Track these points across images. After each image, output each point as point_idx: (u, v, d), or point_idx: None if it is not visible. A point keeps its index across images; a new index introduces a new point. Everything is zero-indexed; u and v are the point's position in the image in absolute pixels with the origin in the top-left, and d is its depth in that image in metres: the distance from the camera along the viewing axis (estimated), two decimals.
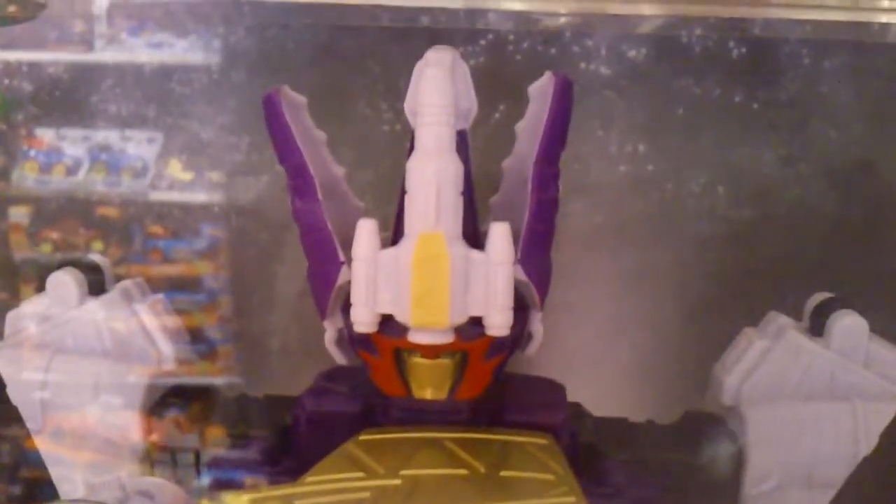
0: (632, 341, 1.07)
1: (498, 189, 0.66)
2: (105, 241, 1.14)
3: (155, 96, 1.08)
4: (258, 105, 1.02)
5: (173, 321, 0.75)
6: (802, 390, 0.67)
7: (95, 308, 0.72)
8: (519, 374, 0.67)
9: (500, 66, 1.01)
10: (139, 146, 1.16)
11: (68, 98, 1.11)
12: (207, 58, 1.06)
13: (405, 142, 1.10)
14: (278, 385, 0.75)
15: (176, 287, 1.10)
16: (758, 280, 1.02)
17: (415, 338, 0.55)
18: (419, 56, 0.62)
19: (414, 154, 0.55)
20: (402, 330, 0.56)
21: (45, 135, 1.18)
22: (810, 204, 1.02)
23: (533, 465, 0.55)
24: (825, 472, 0.66)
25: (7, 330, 0.73)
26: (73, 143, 1.18)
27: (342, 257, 0.58)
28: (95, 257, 0.76)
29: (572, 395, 0.68)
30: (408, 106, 0.58)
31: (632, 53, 1.01)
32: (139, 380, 0.71)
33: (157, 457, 0.71)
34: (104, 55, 1.11)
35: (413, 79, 0.58)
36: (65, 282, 0.72)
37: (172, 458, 0.71)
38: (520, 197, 0.61)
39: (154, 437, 0.71)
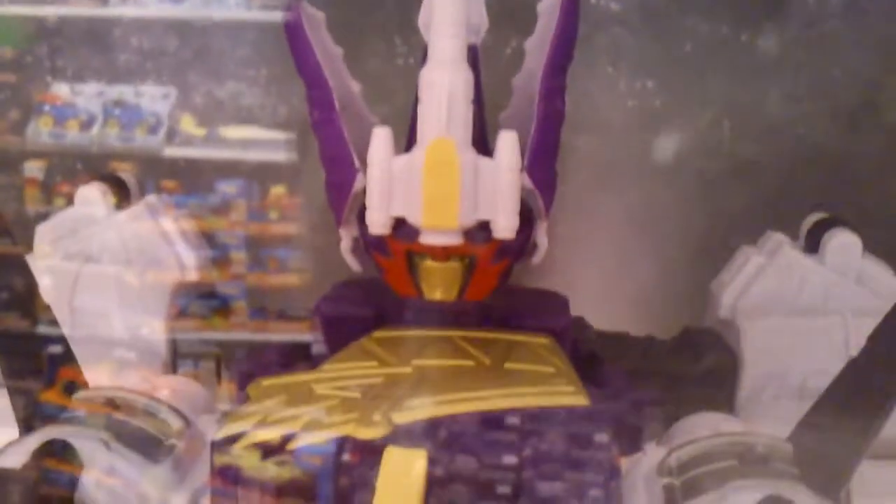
0: (636, 274, 1.09)
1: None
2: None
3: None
4: (275, 37, 1.05)
5: (195, 235, 0.78)
6: (796, 304, 0.70)
7: (122, 220, 0.75)
8: (525, 287, 0.70)
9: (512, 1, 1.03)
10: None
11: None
12: None
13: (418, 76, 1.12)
14: None
15: None
16: (761, 215, 1.04)
17: (426, 239, 0.58)
18: None
19: (427, 64, 0.57)
20: (415, 234, 0.59)
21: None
22: (814, 141, 1.04)
23: (535, 360, 0.58)
24: (817, 383, 0.68)
25: (37, 241, 0.76)
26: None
27: (358, 165, 0.61)
28: (122, 174, 0.79)
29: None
30: (422, 20, 0.60)
31: None
32: (164, 287, 0.75)
33: (181, 361, 0.75)
34: None
35: None
36: (93, 195, 0.75)
37: (194, 363, 0.75)
38: (528, 112, 0.63)
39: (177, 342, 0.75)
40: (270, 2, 1.11)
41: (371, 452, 0.49)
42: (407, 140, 0.62)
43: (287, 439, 0.50)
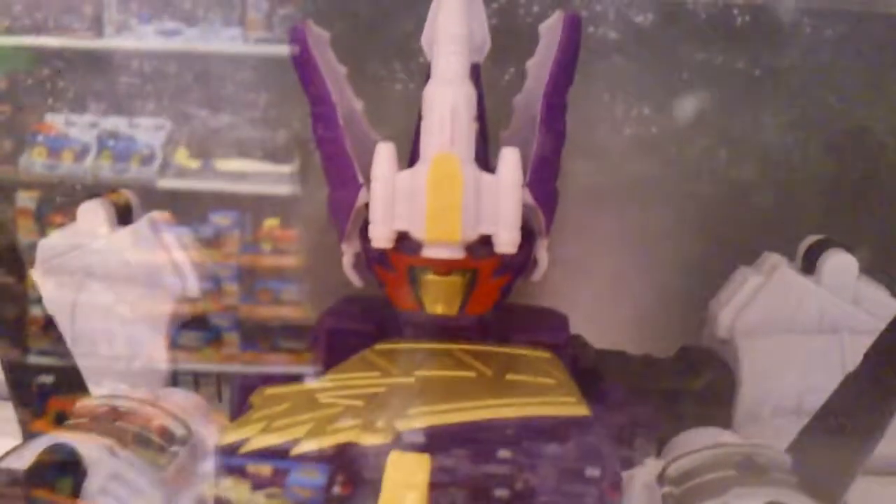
0: (633, 297, 1.10)
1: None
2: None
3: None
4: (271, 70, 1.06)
5: (198, 253, 0.79)
6: (793, 324, 0.71)
7: (124, 237, 0.76)
8: (524, 304, 0.71)
9: (511, 28, 1.04)
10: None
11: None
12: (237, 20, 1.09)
13: (419, 101, 1.13)
14: None
15: None
16: (756, 241, 1.05)
17: (429, 253, 0.59)
18: None
19: (431, 81, 0.58)
20: (417, 248, 0.60)
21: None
22: (808, 168, 1.05)
23: (536, 372, 0.59)
24: (814, 402, 0.69)
25: (38, 257, 0.77)
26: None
27: (361, 180, 0.62)
28: (124, 191, 0.80)
29: None
30: (425, 39, 0.62)
31: (639, 19, 1.05)
32: (164, 306, 0.75)
33: (181, 379, 0.75)
34: None
35: (431, 12, 0.62)
36: (95, 211, 0.76)
37: (195, 382, 0.75)
38: (529, 130, 0.64)
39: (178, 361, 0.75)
40: (267, 35, 1.12)
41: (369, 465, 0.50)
42: (410, 157, 0.63)
43: (278, 471, 0.50)
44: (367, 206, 0.62)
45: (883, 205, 1.03)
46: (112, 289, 0.74)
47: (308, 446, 0.50)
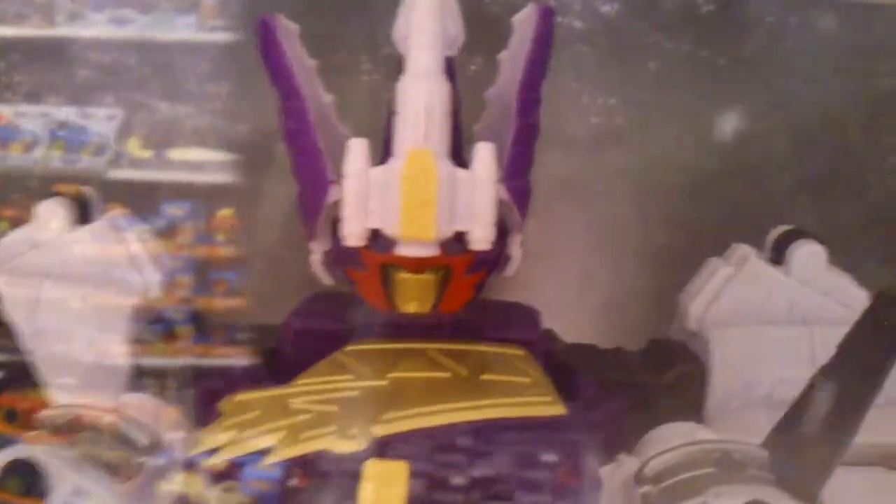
0: (599, 289, 1.10)
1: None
2: None
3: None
4: (234, 54, 1.04)
5: (159, 250, 0.77)
6: (763, 315, 0.71)
7: (83, 236, 0.73)
8: (495, 300, 0.70)
9: (477, 18, 1.03)
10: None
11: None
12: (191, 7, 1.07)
13: (383, 91, 1.12)
14: None
15: None
16: (722, 230, 1.06)
17: (402, 251, 0.58)
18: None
19: (404, 75, 0.57)
20: (389, 245, 0.59)
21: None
22: (774, 157, 1.06)
23: (511, 371, 0.58)
24: (784, 392, 0.69)
25: None
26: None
27: (332, 176, 0.61)
28: (81, 187, 0.78)
29: None
30: (397, 33, 0.60)
31: (605, 8, 1.04)
32: (126, 306, 0.73)
33: (143, 382, 0.73)
34: None
35: (403, 5, 0.60)
36: (54, 210, 0.73)
37: (157, 383, 0.73)
38: (501, 124, 0.63)
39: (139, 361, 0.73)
40: (221, 23, 1.10)
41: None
42: (381, 152, 0.62)
43: (234, 465, 0.49)
44: (337, 203, 0.61)
45: (849, 193, 1.04)
46: (73, 289, 0.72)
47: (281, 455, 0.49)
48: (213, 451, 0.50)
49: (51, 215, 0.73)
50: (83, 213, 0.76)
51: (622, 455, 0.58)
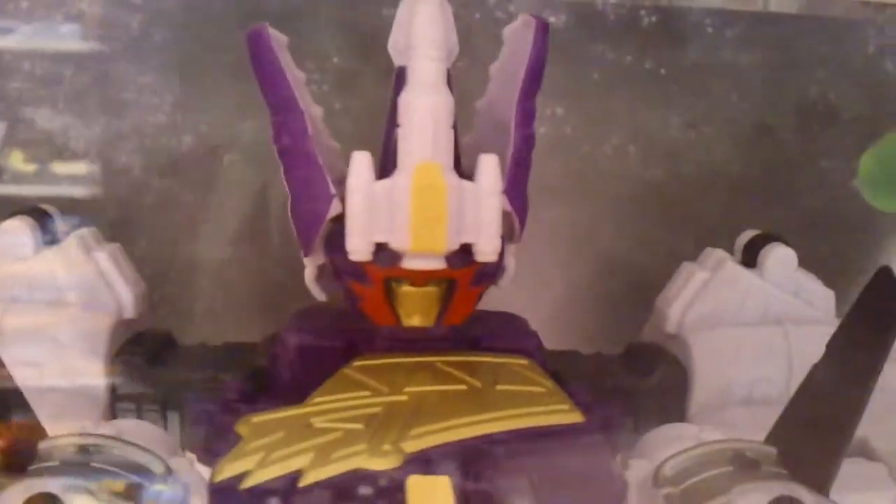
0: (549, 292, 1.12)
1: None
2: None
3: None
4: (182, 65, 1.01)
5: (131, 269, 0.74)
6: (740, 317, 0.74)
7: (52, 257, 0.70)
8: (485, 310, 0.71)
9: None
10: None
11: None
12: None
13: (333, 101, 1.10)
14: None
15: None
16: (665, 234, 1.10)
17: (410, 264, 0.57)
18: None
19: (408, 88, 0.57)
20: (393, 259, 0.58)
21: None
22: (713, 163, 1.10)
23: (523, 381, 0.58)
24: (763, 390, 0.73)
25: None
26: None
27: (333, 191, 0.60)
28: (45, 206, 0.74)
29: None
30: (393, 43, 0.60)
31: (552, 20, 1.06)
32: (101, 328, 0.70)
33: (122, 405, 0.70)
34: None
35: (400, 16, 0.60)
36: (19, 230, 0.70)
37: (137, 406, 0.71)
38: (494, 136, 0.64)
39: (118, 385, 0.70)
40: (105, 33, 1.06)
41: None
42: (381, 162, 0.61)
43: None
44: (335, 218, 0.60)
45: (784, 197, 1.09)
46: (42, 312, 0.69)
47: (315, 476, 0.48)
48: (241, 477, 0.48)
49: (15, 236, 0.70)
50: (49, 231, 0.72)
51: (632, 460, 0.59)
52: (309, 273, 0.65)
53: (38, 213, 0.72)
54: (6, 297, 0.69)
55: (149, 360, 0.71)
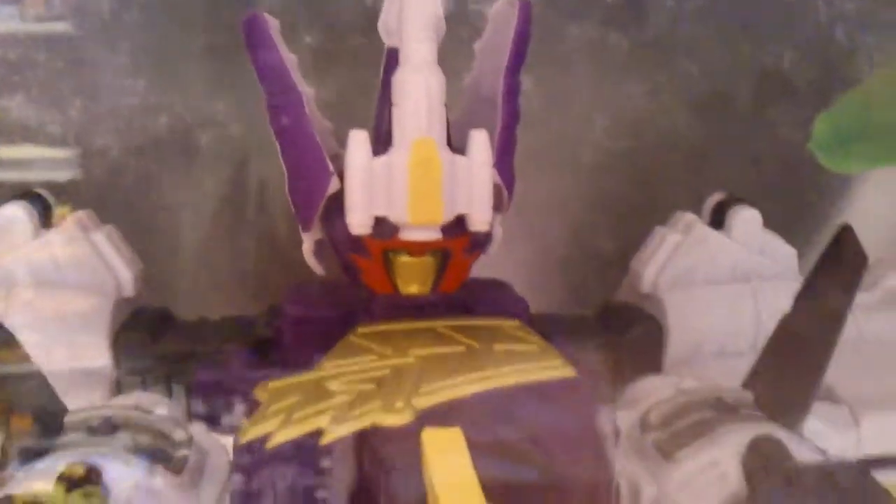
0: (520, 261, 1.15)
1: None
2: None
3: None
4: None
5: (127, 249, 0.76)
6: (710, 276, 0.78)
7: (53, 240, 0.72)
8: (472, 278, 0.74)
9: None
10: None
11: None
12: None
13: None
14: None
15: None
16: (630, 199, 1.14)
17: (408, 235, 0.61)
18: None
19: (402, 68, 0.60)
20: (392, 231, 0.62)
21: None
22: (675, 131, 1.15)
23: (517, 341, 0.62)
24: (733, 342, 0.77)
25: None
26: None
27: (332, 168, 0.63)
28: (39, 190, 0.76)
29: None
30: (384, 24, 0.63)
31: None
32: (103, 307, 0.72)
33: (127, 380, 0.73)
34: None
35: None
36: (18, 216, 0.72)
37: (142, 380, 0.73)
38: (481, 111, 0.67)
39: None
40: (47, 13, 1.07)
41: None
42: (374, 141, 0.64)
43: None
44: (333, 194, 0.63)
45: (741, 162, 1.14)
46: (45, 294, 0.71)
47: (335, 433, 0.51)
48: (266, 438, 0.52)
49: (14, 221, 0.71)
50: (46, 215, 0.74)
51: (619, 410, 0.64)
52: (307, 248, 0.68)
53: (34, 198, 0.74)
54: (8, 280, 0.71)
55: (151, 335, 0.74)
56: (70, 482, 0.47)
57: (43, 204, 0.75)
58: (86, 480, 0.47)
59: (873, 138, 1.03)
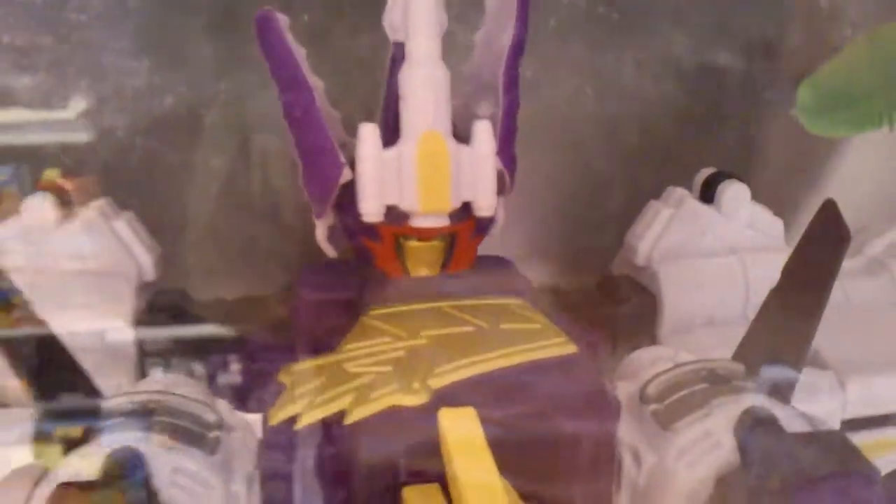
0: (519, 234, 1.19)
1: None
2: None
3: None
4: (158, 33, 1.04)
5: (146, 234, 0.80)
6: (701, 249, 0.82)
7: (75, 228, 0.75)
8: (477, 256, 0.78)
9: None
10: None
11: None
12: None
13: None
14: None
15: None
16: (621, 172, 1.18)
17: (418, 222, 0.65)
18: None
19: (409, 64, 0.63)
20: (402, 218, 0.65)
21: None
22: (664, 100, 1.18)
23: (522, 320, 0.66)
24: (724, 312, 0.82)
25: None
26: None
27: (343, 159, 0.66)
28: (58, 179, 0.79)
29: None
30: (388, 20, 0.66)
31: None
32: (125, 291, 0.76)
33: (150, 361, 0.76)
34: None
35: None
36: (42, 205, 0.75)
37: (165, 362, 0.77)
38: (480, 98, 0.70)
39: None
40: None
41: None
42: (383, 133, 0.67)
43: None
44: (346, 183, 0.66)
45: (728, 131, 1.17)
46: (70, 280, 0.74)
47: (358, 415, 0.55)
48: (294, 420, 0.56)
49: (39, 210, 0.74)
50: (67, 203, 0.77)
51: (618, 381, 0.68)
52: (320, 233, 0.71)
53: (55, 188, 0.77)
54: (35, 268, 0.74)
55: (172, 317, 0.77)
56: (114, 468, 0.50)
57: (64, 192, 0.78)
58: (129, 466, 0.51)
59: (856, 103, 1.07)
